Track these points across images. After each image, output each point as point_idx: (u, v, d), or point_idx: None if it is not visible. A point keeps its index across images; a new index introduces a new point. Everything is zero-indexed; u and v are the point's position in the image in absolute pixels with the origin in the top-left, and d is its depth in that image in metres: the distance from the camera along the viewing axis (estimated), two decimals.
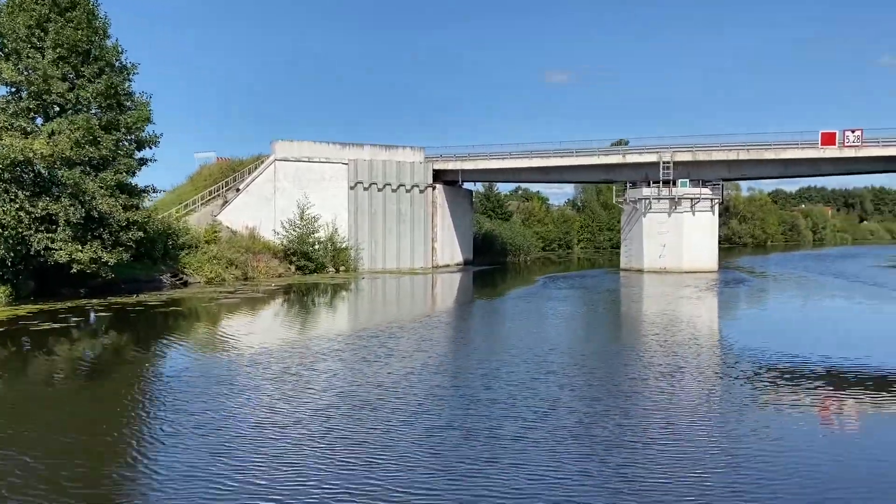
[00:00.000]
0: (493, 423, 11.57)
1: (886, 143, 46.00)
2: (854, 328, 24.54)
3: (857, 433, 11.74)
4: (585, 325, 23.76)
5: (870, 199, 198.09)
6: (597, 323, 24.54)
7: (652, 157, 50.87)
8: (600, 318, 26.00)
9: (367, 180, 54.49)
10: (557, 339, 20.51)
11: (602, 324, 24.35)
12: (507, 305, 30.83)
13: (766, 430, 11.37)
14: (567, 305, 29.38)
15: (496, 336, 21.82)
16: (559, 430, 11.23)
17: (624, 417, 11.97)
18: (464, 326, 24.09)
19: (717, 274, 49.14)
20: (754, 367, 16.24)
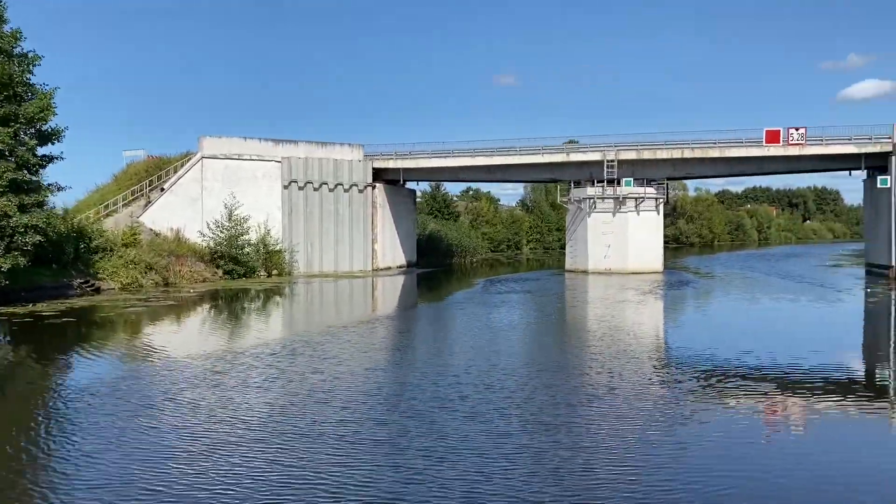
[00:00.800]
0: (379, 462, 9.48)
1: (829, 142, 45.47)
2: (801, 331, 23.25)
3: (812, 443, 11.30)
4: (514, 336, 21.79)
5: (812, 199, 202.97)
6: (528, 332, 22.62)
7: (596, 155, 49.51)
8: (533, 327, 24.09)
9: (303, 179, 51.87)
10: (475, 354, 18.48)
11: (534, 333, 22.43)
12: (436, 313, 28.80)
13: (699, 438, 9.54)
14: (500, 312, 27.40)
15: (409, 350, 19.72)
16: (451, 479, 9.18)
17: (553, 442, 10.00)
18: (371, 343, 21.91)
19: (662, 275, 48.03)
20: (695, 379, 14.53)
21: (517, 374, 15.52)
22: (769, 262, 65.87)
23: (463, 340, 20.88)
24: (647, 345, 19.92)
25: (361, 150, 54.19)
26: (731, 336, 22.07)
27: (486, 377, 15.19)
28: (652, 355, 18.06)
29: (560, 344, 20.64)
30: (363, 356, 18.09)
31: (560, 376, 15.34)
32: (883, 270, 44.91)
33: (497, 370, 15.95)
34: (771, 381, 15.07)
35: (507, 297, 33.57)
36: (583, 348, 19.37)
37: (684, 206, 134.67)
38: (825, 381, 15.08)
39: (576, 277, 48.25)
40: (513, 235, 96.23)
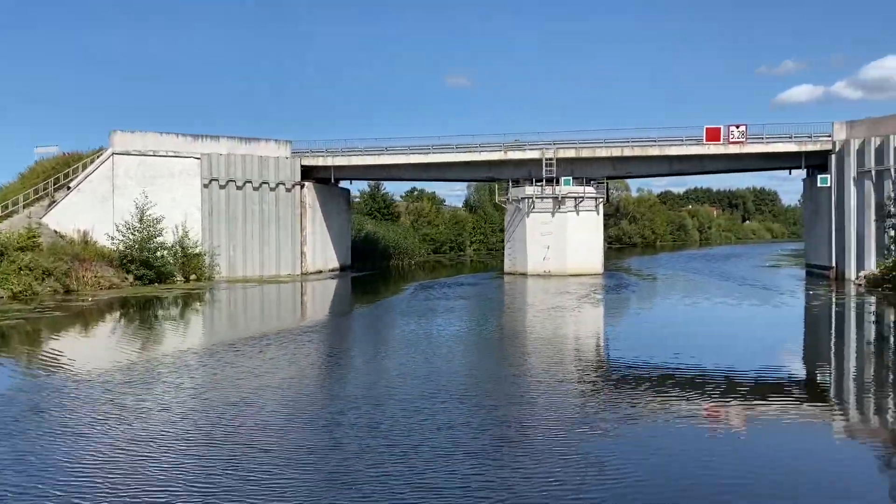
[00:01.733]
0: None
1: (770, 140, 44.51)
2: (744, 336, 21.48)
3: (752, 446, 10.92)
4: (428, 350, 19.33)
5: (751, 199, 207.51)
6: (446, 346, 20.18)
7: (535, 153, 47.58)
8: (453, 339, 21.67)
9: (224, 177, 48.51)
10: (375, 375, 15.99)
11: (453, 347, 19.97)
12: (349, 324, 26.16)
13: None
14: (421, 322, 24.88)
15: (301, 370, 17.08)
16: None
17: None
18: (255, 362, 19.17)
19: (602, 277, 46.39)
20: (632, 387, 12.34)
21: (409, 402, 13.07)
22: (710, 263, 65.21)
23: (355, 364, 18.33)
24: (583, 357, 17.74)
25: (289, 146, 51.11)
26: (671, 342, 20.22)
27: (377, 415, 12.67)
28: (587, 368, 15.87)
29: (481, 366, 18.24)
30: (239, 383, 15.37)
31: (478, 407, 12.94)
32: (823, 271, 44.16)
33: (391, 400, 13.46)
34: (710, 386, 14.50)
35: (435, 304, 31.12)
36: (511, 366, 17.03)
37: (627, 206, 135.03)
38: (767, 386, 14.75)
39: (514, 280, 46.21)
40: (456, 236, 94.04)
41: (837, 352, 20.93)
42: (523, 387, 14.35)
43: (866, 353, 20.45)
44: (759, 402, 13.19)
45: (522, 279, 46.60)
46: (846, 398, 14.58)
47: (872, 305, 31.10)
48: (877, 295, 34.27)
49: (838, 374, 17.04)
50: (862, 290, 37.13)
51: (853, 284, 39.64)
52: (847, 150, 41.65)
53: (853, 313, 29.10)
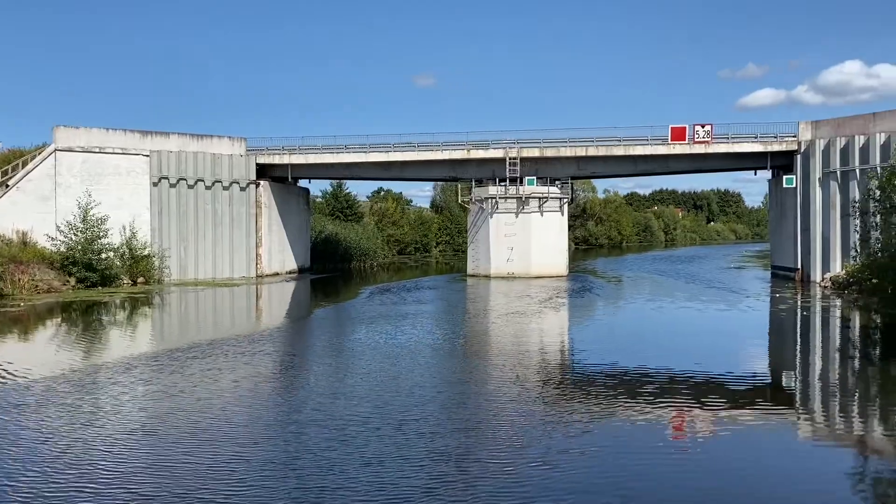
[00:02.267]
0: None
1: (735, 140, 43.84)
2: (711, 341, 20.41)
3: (717, 450, 10.96)
4: (372, 364, 17.81)
5: (716, 201, 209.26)
6: (392, 359, 18.65)
7: (498, 152, 46.32)
8: (401, 350, 20.13)
9: (175, 175, 46.38)
10: (304, 396, 14.47)
11: (399, 361, 18.36)
12: (291, 333, 24.50)
13: None
14: (370, 331, 23.26)
15: (220, 389, 15.46)
16: None
17: None
18: (168, 382, 17.50)
19: (567, 280, 45.31)
20: (595, 395, 11.01)
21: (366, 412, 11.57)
22: (676, 265, 64.67)
23: (284, 383, 16.76)
24: (541, 371, 16.40)
25: (244, 143, 49.13)
26: (636, 351, 19.15)
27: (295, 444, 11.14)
28: (545, 384, 14.54)
29: (429, 383, 16.77)
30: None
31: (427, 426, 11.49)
32: (789, 273, 43.62)
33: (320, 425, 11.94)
34: (677, 392, 14.36)
35: (389, 310, 29.57)
36: (461, 383, 15.64)
37: (594, 207, 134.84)
38: (736, 392, 14.55)
39: (477, 283, 44.88)
40: (421, 237, 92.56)
41: (803, 357, 20.39)
42: (472, 408, 12.94)
43: (832, 358, 19.91)
44: (727, 408, 13.02)
45: (485, 281, 45.31)
46: (811, 403, 14.35)
47: (838, 309, 30.38)
48: (843, 298, 33.63)
49: (803, 379, 16.77)
50: (828, 292, 36.55)
51: (819, 287, 39.09)
52: (812, 150, 41.13)
53: (818, 318, 28.29)
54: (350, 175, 51.06)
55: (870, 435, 11.79)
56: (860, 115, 39.75)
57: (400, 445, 10.52)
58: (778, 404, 13.91)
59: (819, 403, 14.21)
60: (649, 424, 11.98)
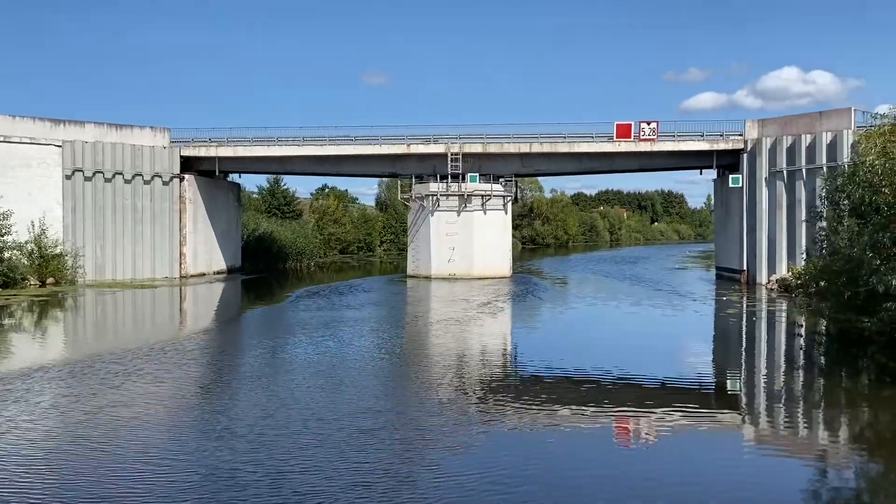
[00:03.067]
0: None
1: (681, 138, 42.75)
2: (659, 348, 18.77)
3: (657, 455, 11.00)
4: (270, 389, 15.38)
5: (660, 201, 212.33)
6: (297, 381, 16.22)
7: (440, 147, 44.22)
8: (311, 369, 17.69)
9: (91, 168, 42.85)
10: (167, 431, 12.10)
11: (304, 383, 15.78)
12: (192, 345, 21.87)
13: None
14: (282, 343, 20.76)
15: (70, 422, 12.96)
16: None
17: None
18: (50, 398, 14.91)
19: (510, 281, 43.53)
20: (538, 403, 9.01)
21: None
22: (621, 266, 63.70)
23: (150, 413, 14.35)
24: (468, 396, 14.35)
25: (167, 134, 45.85)
26: (578, 356, 17.43)
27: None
28: (470, 410, 12.51)
29: (332, 414, 14.52)
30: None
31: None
32: (734, 275, 42.76)
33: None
34: (617, 400, 14.12)
35: (312, 317, 27.09)
36: (370, 412, 13.47)
37: (540, 207, 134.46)
38: (679, 396, 14.61)
39: (416, 284, 42.72)
40: (365, 236, 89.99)
41: (748, 361, 19.68)
42: (370, 451, 10.69)
43: (781, 365, 19.03)
44: (671, 412, 12.90)
45: (426, 283, 43.19)
46: (757, 410, 14.11)
47: (787, 314, 29.28)
48: (791, 301, 32.68)
49: (750, 386, 16.35)
50: (774, 295, 35.65)
51: (765, 289, 38.24)
52: (759, 149, 40.27)
53: (765, 323, 27.09)
54: (283, 170, 48.25)
55: (816, 442, 11.66)
56: (807, 114, 39.07)
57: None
58: (722, 409, 13.79)
59: (764, 410, 13.95)
60: (586, 432, 11.79)
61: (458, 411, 12.74)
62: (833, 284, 20.52)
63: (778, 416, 13.31)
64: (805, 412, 13.55)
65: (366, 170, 47.34)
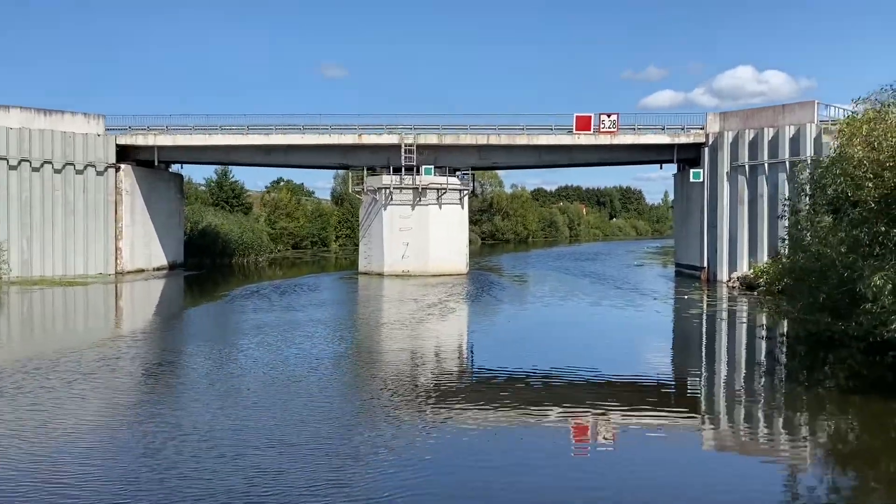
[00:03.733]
0: None
1: (642, 131, 41.50)
2: (624, 354, 17.28)
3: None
4: (177, 409, 13.39)
5: (618, 197, 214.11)
6: (217, 398, 14.31)
7: (393, 138, 42.20)
8: (233, 384, 15.74)
9: (16, 156, 39.75)
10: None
11: (214, 403, 13.86)
12: (104, 353, 19.60)
13: None
14: (207, 351, 18.71)
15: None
16: None
17: None
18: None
19: (466, 279, 41.80)
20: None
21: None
22: (580, 262, 62.55)
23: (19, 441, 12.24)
24: (403, 427, 12.54)
25: (102, 121, 42.91)
26: (537, 359, 15.68)
27: None
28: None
29: (244, 438, 12.55)
30: None
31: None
32: (694, 272, 41.76)
33: None
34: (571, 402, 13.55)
35: (247, 319, 24.94)
36: (281, 445, 11.56)
37: (500, 202, 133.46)
38: (638, 397, 14.25)
39: (368, 282, 40.72)
40: (319, 230, 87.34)
41: (708, 362, 18.81)
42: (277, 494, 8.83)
43: (737, 363, 18.47)
44: (628, 415, 12.69)
45: (378, 280, 41.20)
46: (716, 409, 13.91)
47: (746, 313, 28.15)
48: (754, 300, 31.64)
49: (708, 384, 16.06)
50: (736, 293, 34.63)
51: (726, 286, 37.26)
52: (720, 142, 39.24)
53: (727, 324, 25.89)
54: (227, 160, 45.67)
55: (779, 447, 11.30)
56: (769, 107, 38.13)
57: None
58: (683, 413, 13.34)
59: (725, 413, 13.49)
60: (542, 432, 11.65)
61: (381, 441, 10.93)
62: (803, 284, 19.30)
63: (738, 420, 12.78)
64: (768, 418, 12.94)
65: (316, 161, 45.05)
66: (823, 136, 35.05)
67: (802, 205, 20.00)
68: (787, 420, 12.92)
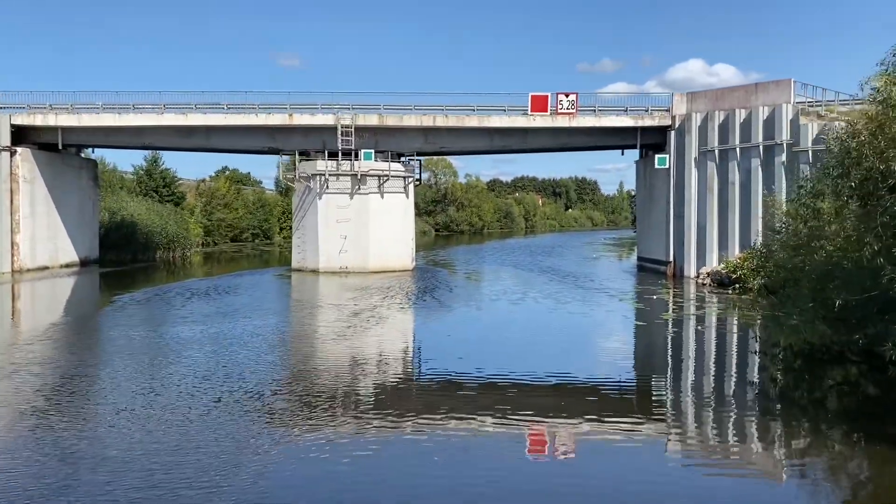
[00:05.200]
0: None
1: (603, 112, 37.90)
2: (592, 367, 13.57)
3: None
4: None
5: (574, 188, 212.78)
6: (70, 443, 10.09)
7: (328, 118, 37.77)
8: (87, 428, 11.55)
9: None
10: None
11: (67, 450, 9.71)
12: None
13: None
14: (59, 378, 14.50)
15: None
16: None
17: None
18: None
19: (412, 276, 37.73)
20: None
21: None
22: (537, 256, 59.00)
23: None
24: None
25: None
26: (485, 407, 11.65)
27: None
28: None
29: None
30: None
31: None
32: (659, 266, 38.47)
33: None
34: None
35: (118, 338, 20.50)
36: None
37: (455, 193, 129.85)
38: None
39: (302, 280, 36.36)
40: (261, 222, 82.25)
41: (696, 382, 15.10)
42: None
43: (730, 385, 14.59)
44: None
45: (313, 278, 36.86)
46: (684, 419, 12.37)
47: (723, 316, 24.78)
48: (722, 297, 28.34)
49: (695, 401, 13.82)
50: (706, 290, 31.36)
51: (695, 283, 34.01)
52: (688, 125, 35.90)
53: (707, 333, 22.42)
54: (142, 144, 40.54)
55: None
56: (741, 87, 34.91)
57: None
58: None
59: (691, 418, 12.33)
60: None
61: None
62: (809, 287, 15.84)
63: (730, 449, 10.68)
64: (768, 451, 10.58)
65: (241, 144, 40.25)
66: (801, 117, 31.98)
67: (803, 191, 16.47)
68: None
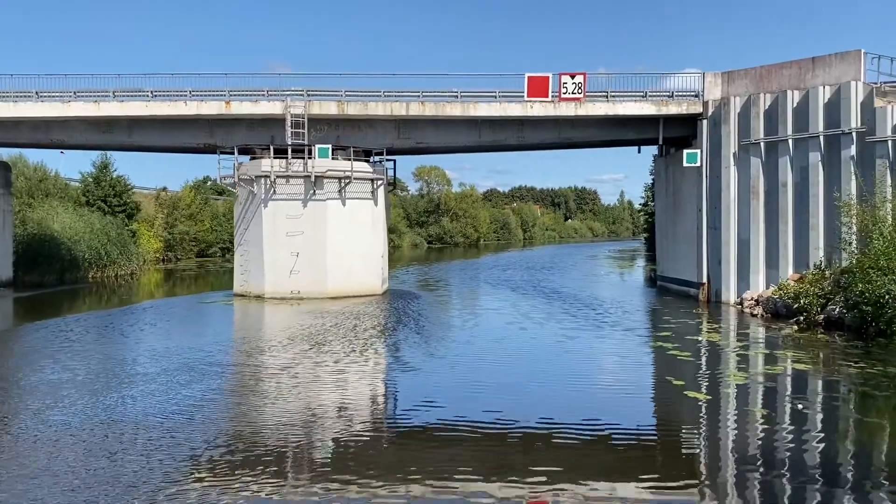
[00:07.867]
0: None
1: (617, 97, 30.50)
2: None
3: None
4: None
5: (573, 198, 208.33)
6: None
7: (275, 107, 30.47)
8: None
9: None
10: None
11: None
12: None
13: None
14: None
15: None
16: None
17: None
18: None
19: (381, 303, 30.14)
20: None
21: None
22: (536, 273, 51.51)
23: None
24: None
25: None
26: None
27: None
28: None
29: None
30: None
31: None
32: (688, 289, 31.08)
33: None
34: None
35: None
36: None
37: (448, 202, 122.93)
38: None
39: (244, 310, 28.91)
40: (231, 236, 74.71)
41: None
42: None
43: None
44: None
45: (256, 306, 29.41)
46: None
47: (806, 367, 17.30)
48: (792, 340, 20.83)
49: None
50: (757, 323, 23.94)
51: (736, 311, 26.59)
52: (724, 113, 28.61)
53: (798, 417, 14.98)
54: (49, 141, 32.99)
55: None
56: (793, 62, 27.42)
57: None
58: None
59: None
60: None
61: None
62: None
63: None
64: None
65: (171, 140, 32.69)
66: (876, 99, 24.66)
67: None
68: None
